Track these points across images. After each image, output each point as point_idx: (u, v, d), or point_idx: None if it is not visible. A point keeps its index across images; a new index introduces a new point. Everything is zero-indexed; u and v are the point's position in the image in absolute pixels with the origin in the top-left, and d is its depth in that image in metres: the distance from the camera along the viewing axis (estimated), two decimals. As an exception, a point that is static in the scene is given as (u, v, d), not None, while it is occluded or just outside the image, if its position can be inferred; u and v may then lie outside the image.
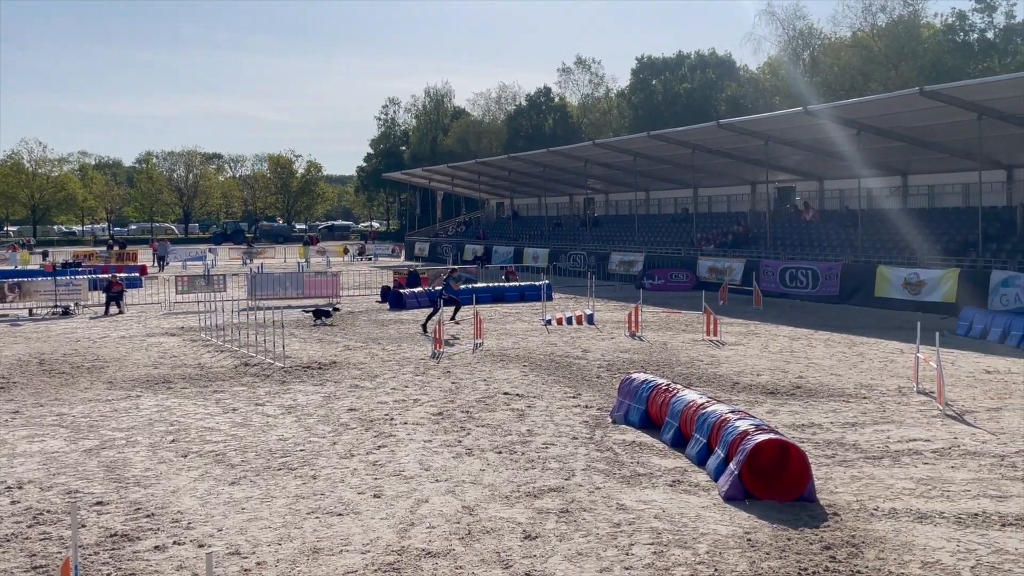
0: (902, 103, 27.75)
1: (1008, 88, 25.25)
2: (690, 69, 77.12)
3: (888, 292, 28.35)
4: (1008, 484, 9.24)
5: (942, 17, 59.58)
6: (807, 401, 13.68)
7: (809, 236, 37.15)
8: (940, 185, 35.05)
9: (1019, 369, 16.72)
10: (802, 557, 7.24)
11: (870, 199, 37.24)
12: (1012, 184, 32.55)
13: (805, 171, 40.22)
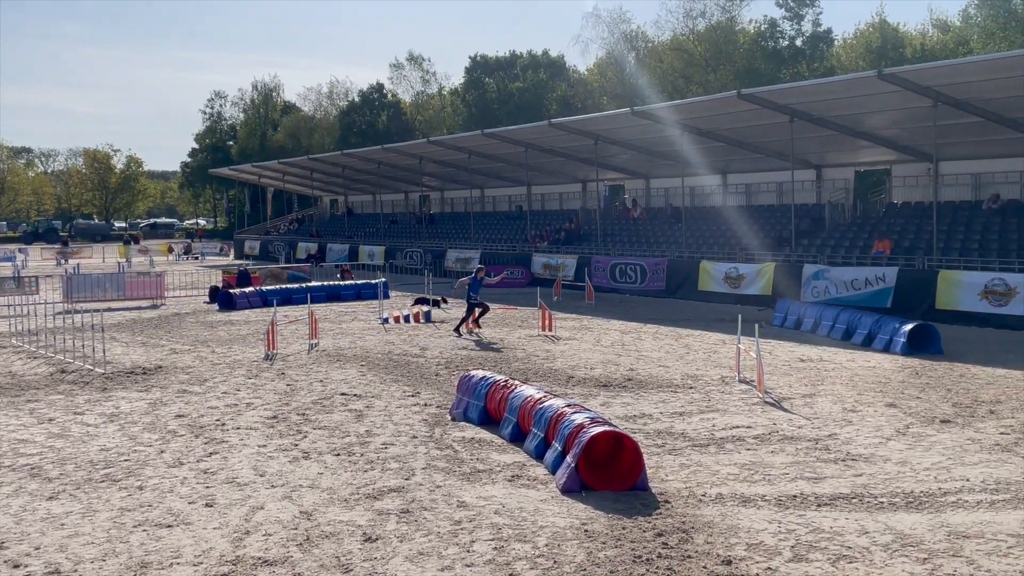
0: (721, 105, 29.11)
1: (816, 92, 26.91)
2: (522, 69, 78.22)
3: (711, 286, 29.69)
4: (822, 466, 9.84)
5: (756, 24, 62.80)
6: (638, 393, 14.15)
7: (637, 233, 38.43)
8: (756, 184, 36.97)
9: (830, 357, 17.86)
10: (636, 545, 7.47)
11: (693, 197, 38.86)
12: (821, 183, 34.73)
13: (633, 170, 41.57)
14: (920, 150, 29.70)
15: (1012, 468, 9.66)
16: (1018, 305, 21.60)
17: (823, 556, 7.18)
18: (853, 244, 29.44)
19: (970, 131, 26.38)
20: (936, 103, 23.76)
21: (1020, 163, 28.39)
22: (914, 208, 30.57)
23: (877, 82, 23.61)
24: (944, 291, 23.07)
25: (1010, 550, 7.25)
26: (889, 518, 8.09)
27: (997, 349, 18.55)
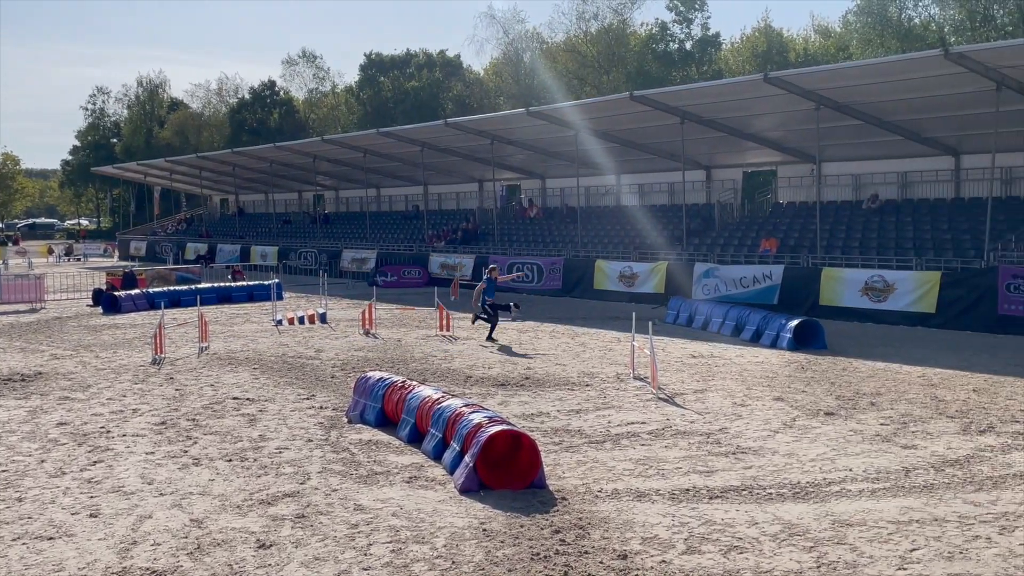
0: (614, 106, 29.58)
1: (705, 95, 27.61)
2: (418, 68, 77.88)
3: (606, 285, 30.12)
4: (714, 460, 10.08)
5: (647, 27, 64.00)
6: (535, 391, 14.23)
7: (534, 232, 38.71)
8: (649, 184, 37.68)
9: (720, 353, 18.32)
10: (534, 542, 7.51)
11: (588, 197, 39.35)
12: (711, 183, 35.63)
13: (529, 170, 41.85)
14: (804, 151, 30.75)
15: (891, 457, 10.07)
16: (896, 301, 22.57)
17: (715, 548, 7.35)
18: (741, 243, 30.29)
19: (851, 133, 27.44)
20: (819, 106, 24.64)
21: (897, 164, 29.68)
22: (799, 208, 31.64)
23: (763, 85, 24.35)
24: (827, 288, 23.94)
25: (890, 536, 7.56)
26: (777, 508, 8.33)
27: (877, 343, 19.34)
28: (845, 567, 6.92)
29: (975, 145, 26.94)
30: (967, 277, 21.83)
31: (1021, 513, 8.09)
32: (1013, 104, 22.18)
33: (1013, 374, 15.42)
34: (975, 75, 21.03)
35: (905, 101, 24.27)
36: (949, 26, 50.46)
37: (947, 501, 8.48)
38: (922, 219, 27.41)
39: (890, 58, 28.32)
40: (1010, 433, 11.13)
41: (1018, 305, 20.47)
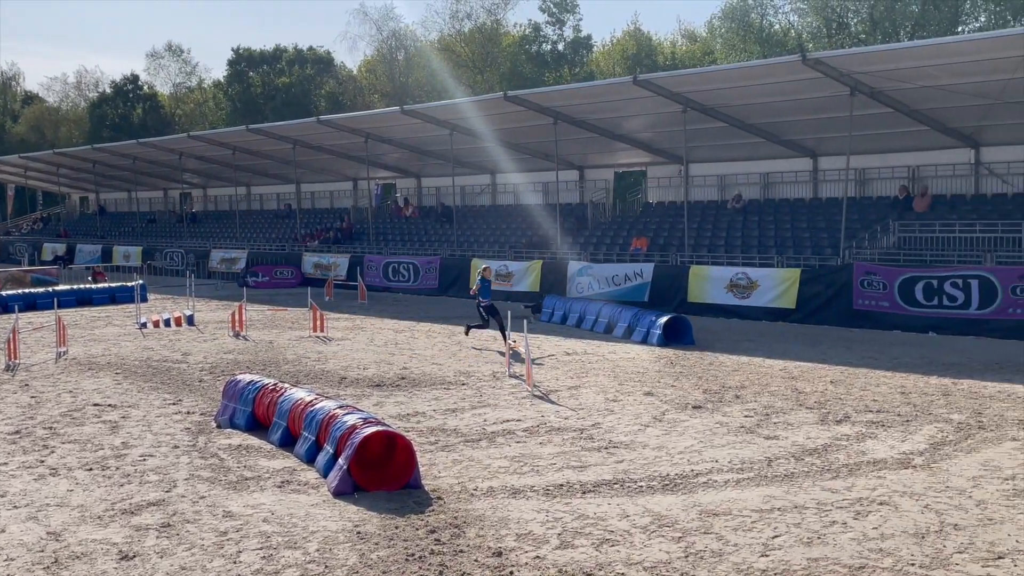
0: (488, 106, 29.71)
1: (577, 96, 28.05)
2: (288, 64, 76.32)
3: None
4: (587, 455, 10.25)
5: (520, 27, 64.53)
6: (411, 391, 14.17)
7: (409, 232, 38.53)
8: (524, 183, 37.99)
9: (593, 350, 18.65)
10: (409, 543, 7.47)
11: (464, 196, 39.45)
12: (584, 183, 36.21)
13: (405, 168, 41.63)
14: (672, 153, 31.60)
15: (755, 448, 10.45)
16: (759, 297, 23.45)
17: (587, 541, 7.47)
18: (613, 241, 30.91)
19: (716, 135, 28.35)
20: (686, 108, 25.36)
21: (760, 165, 30.84)
22: (668, 207, 32.51)
23: (632, 88, 24.90)
24: (695, 285, 24.67)
25: (754, 524, 7.84)
26: (648, 501, 8.54)
27: (741, 338, 20.05)
28: (711, 556, 7.14)
29: (831, 147, 28.26)
30: (824, 274, 22.86)
31: (874, 498, 8.52)
32: (866, 108, 23.34)
33: (867, 366, 16.24)
34: (831, 80, 22.04)
35: (767, 104, 25.23)
36: (807, 33, 52.72)
37: (806, 489, 8.86)
38: (783, 218, 28.57)
39: (752, 63, 29.41)
40: (864, 422, 11.71)
41: (871, 300, 21.57)
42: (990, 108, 22.26)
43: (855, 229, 25.34)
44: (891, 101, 23.37)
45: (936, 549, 7.21)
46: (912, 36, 46.58)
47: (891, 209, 26.31)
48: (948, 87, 21.54)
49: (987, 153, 26.41)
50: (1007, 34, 21.27)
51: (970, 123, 24.65)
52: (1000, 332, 19.49)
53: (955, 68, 20.69)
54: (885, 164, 28.19)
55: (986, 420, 11.75)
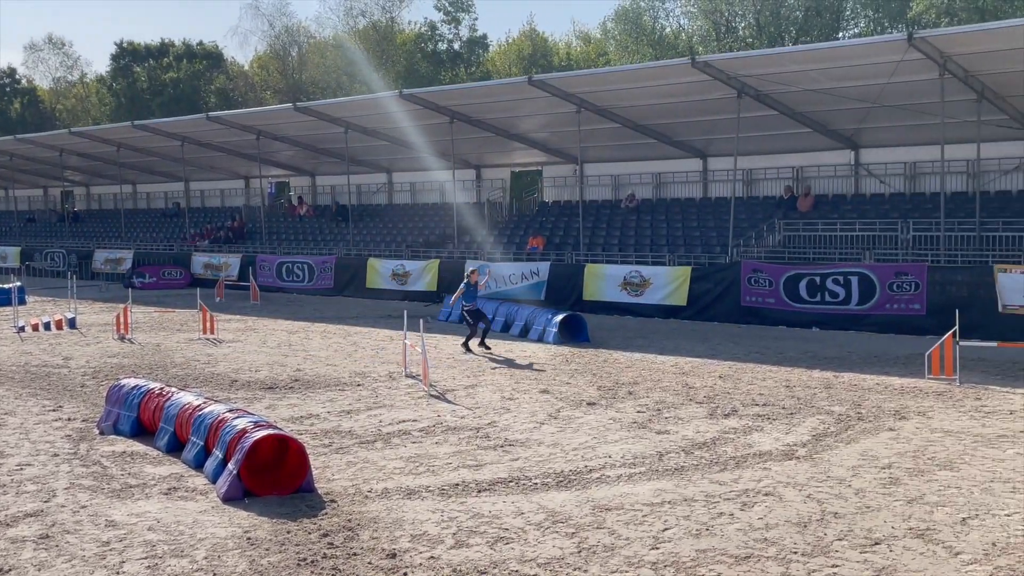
0: (384, 104, 29.45)
1: (473, 95, 28.09)
2: (176, 58, 74.12)
3: (379, 283, 29.99)
4: (483, 453, 10.27)
5: (415, 26, 64.22)
6: (305, 393, 13.95)
7: (304, 231, 37.92)
8: (421, 182, 37.84)
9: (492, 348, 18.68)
10: (301, 548, 7.36)
11: (360, 195, 39.05)
12: (480, 182, 36.27)
13: (298, 166, 40.93)
14: (567, 153, 31.91)
15: (647, 443, 10.65)
16: (652, 295, 23.90)
17: (482, 540, 7.49)
18: (510, 241, 31.06)
19: (610, 136, 28.77)
20: (580, 109, 25.65)
21: (652, 166, 31.42)
22: (563, 206, 32.84)
23: (528, 88, 25.06)
24: (590, 283, 24.99)
25: (645, 518, 7.99)
26: (542, 498, 8.61)
27: (634, 335, 20.41)
28: (603, 550, 7.25)
29: (720, 148, 29.00)
30: (714, 272, 23.45)
31: (760, 489, 8.79)
32: (752, 111, 24.03)
33: (754, 360, 16.73)
34: (719, 83, 22.62)
35: (658, 106, 25.72)
36: (697, 36, 53.95)
37: (695, 482, 9.07)
38: (675, 217, 29.19)
39: (643, 65, 29.98)
40: (751, 416, 12.06)
41: (758, 297, 22.22)
42: (868, 111, 23.19)
43: (743, 228, 26.07)
44: (776, 104, 24.12)
45: (817, 537, 7.47)
46: (796, 41, 48.19)
47: (776, 208, 27.17)
48: (829, 91, 22.35)
49: (866, 155, 27.51)
50: (884, 40, 22.18)
51: (850, 126, 25.63)
52: (878, 326, 20.33)
53: (836, 72, 21.49)
54: (771, 165, 29.08)
55: (865, 411, 12.25)
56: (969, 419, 11.72)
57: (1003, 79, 20.87)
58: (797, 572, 6.75)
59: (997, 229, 22.32)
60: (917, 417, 11.86)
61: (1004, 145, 24.33)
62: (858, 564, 6.88)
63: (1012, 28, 19.59)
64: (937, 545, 7.25)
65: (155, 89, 71.64)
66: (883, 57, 20.08)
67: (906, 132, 24.97)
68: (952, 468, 9.44)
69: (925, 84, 20.68)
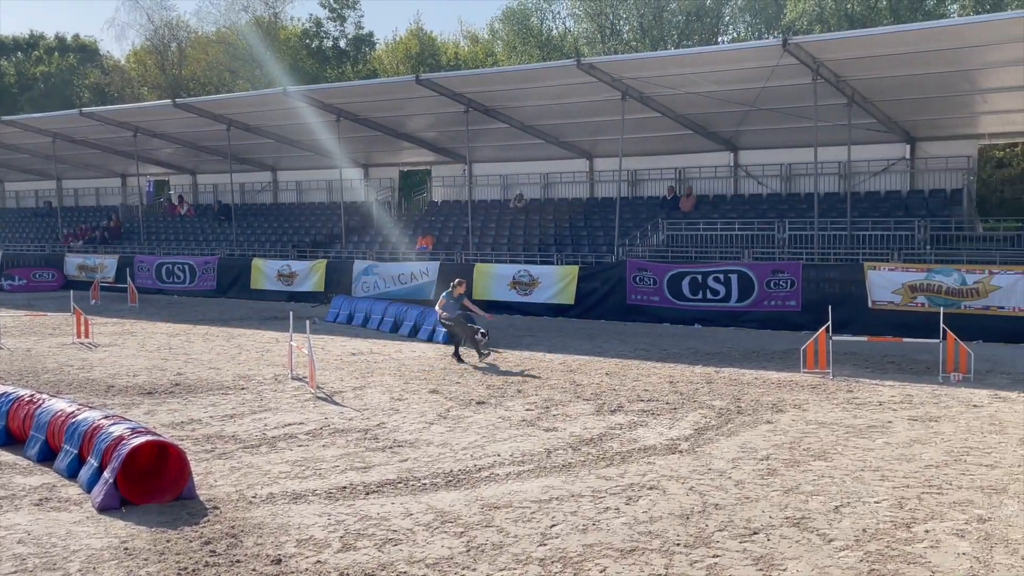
0: (268, 101, 28.88)
1: (360, 93, 27.83)
2: (47, 52, 70.93)
3: (264, 284, 29.40)
4: (371, 455, 10.18)
5: (300, 22, 63.13)
6: (186, 398, 13.56)
7: (184, 231, 36.86)
8: (307, 181, 37.26)
9: (379, 349, 18.55)
10: (182, 557, 7.15)
11: (244, 194, 38.19)
12: (369, 181, 35.94)
13: (179, 164, 39.75)
14: (456, 152, 31.93)
15: (535, 441, 10.75)
16: (540, 293, 24.14)
17: (370, 542, 7.42)
18: (399, 240, 30.86)
19: (498, 136, 28.92)
20: (468, 109, 25.69)
21: (540, 166, 31.74)
22: (452, 206, 32.84)
23: (415, 87, 24.96)
24: (479, 282, 25.05)
25: (533, 515, 8.06)
26: (431, 498, 8.59)
27: (524, 334, 20.56)
28: (492, 548, 7.28)
29: (606, 149, 29.50)
30: (600, 271, 23.83)
31: (644, 483, 8.97)
32: (636, 112, 24.50)
33: (639, 357, 17.07)
34: (604, 84, 22.99)
35: (545, 107, 25.98)
36: (583, 38, 54.69)
37: (582, 477, 9.20)
38: (562, 217, 29.55)
39: (530, 66, 30.22)
40: (636, 411, 12.31)
41: (643, 295, 22.69)
42: (747, 114, 23.94)
43: (628, 227, 26.57)
44: (659, 106, 24.67)
45: (699, 528, 7.68)
46: (678, 45, 49.36)
47: (660, 208, 27.79)
48: (709, 94, 22.98)
49: (745, 156, 28.42)
50: (760, 45, 22.98)
51: (729, 128, 26.42)
52: (756, 323, 21.03)
53: (715, 76, 22.11)
54: (655, 166, 29.73)
55: (744, 405, 12.65)
56: (842, 411, 12.23)
57: (872, 84, 21.86)
58: (680, 564, 6.92)
59: (867, 228, 23.37)
60: (793, 410, 12.31)
61: (873, 148, 25.51)
62: (738, 554, 7.10)
63: (879, 36, 20.59)
64: (812, 533, 7.54)
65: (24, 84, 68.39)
66: (760, 62, 20.76)
67: (782, 135, 25.91)
68: (826, 458, 9.84)
69: (799, 88, 21.48)
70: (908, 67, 20.52)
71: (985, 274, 18.77)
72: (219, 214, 36.55)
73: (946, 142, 25.75)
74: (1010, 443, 10.44)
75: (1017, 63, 19.83)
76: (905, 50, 19.69)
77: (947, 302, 18.58)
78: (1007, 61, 19.89)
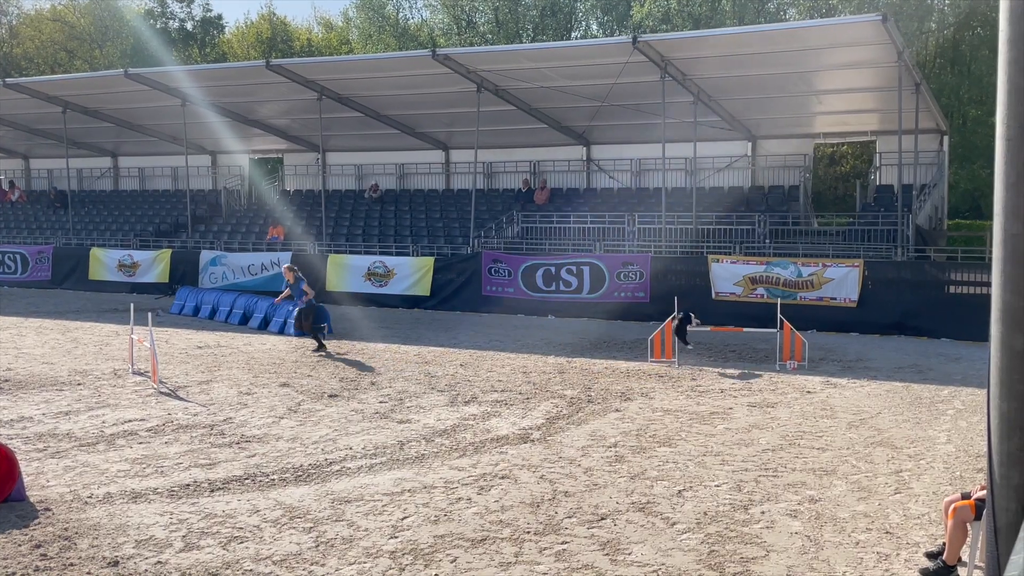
0: (107, 83, 27.54)
1: (207, 77, 26.82)
2: None
3: (103, 275, 28.07)
4: (217, 451, 9.87)
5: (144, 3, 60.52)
6: (16, 394, 12.80)
7: (16, 218, 34.76)
8: (151, 167, 35.76)
9: (227, 342, 18.01)
10: (10, 561, 6.74)
11: (81, 180, 36.34)
12: (217, 169, 34.79)
13: (10, 148, 37.42)
14: (309, 140, 31.31)
15: (388, 433, 10.67)
16: (396, 285, 23.98)
17: (215, 540, 7.20)
18: (249, 230, 30.06)
19: (353, 125, 28.52)
20: (321, 96, 25.22)
21: (396, 156, 31.50)
22: (305, 195, 32.19)
23: (265, 72, 24.30)
24: (333, 273, 24.68)
25: (385, 508, 8.00)
26: (280, 494, 8.40)
27: (379, 326, 20.38)
28: (342, 542, 7.18)
29: (462, 141, 29.56)
30: (456, 262, 23.87)
31: (497, 473, 9.05)
32: (491, 105, 24.65)
33: (494, 348, 17.20)
34: (459, 76, 23.00)
35: (401, 97, 25.79)
36: (439, 29, 54.57)
37: (435, 469, 9.20)
38: (418, 208, 29.42)
39: (385, 55, 29.94)
40: (490, 402, 12.40)
41: (498, 287, 22.87)
42: (598, 110, 24.44)
43: (484, 219, 26.71)
44: (514, 99, 24.88)
45: (549, 516, 7.80)
46: (533, 39, 49.92)
47: (515, 201, 28.06)
48: (563, 88, 23.35)
49: (597, 151, 29.03)
50: (611, 42, 23.46)
51: (582, 123, 26.92)
52: (607, 313, 21.53)
53: (568, 71, 22.47)
54: (510, 159, 30.00)
55: (594, 394, 12.93)
56: (686, 398, 12.68)
57: (716, 83, 22.70)
58: (529, 551, 7.02)
59: (711, 222, 24.28)
60: (641, 398, 12.68)
61: (718, 145, 26.51)
62: (586, 539, 7.25)
63: (723, 36, 21.41)
64: (656, 517, 7.79)
65: None
66: (611, 58, 21.22)
67: (632, 131, 26.60)
68: (671, 444, 10.17)
69: (649, 85, 22.09)
70: (750, 68, 21.42)
71: (819, 267, 19.82)
72: (55, 201, 34.62)
73: (784, 140, 27.05)
74: (839, 427, 11.07)
75: (849, 66, 21.01)
76: (747, 51, 20.54)
77: (784, 293, 19.53)
78: (840, 64, 21.03)
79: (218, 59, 54.38)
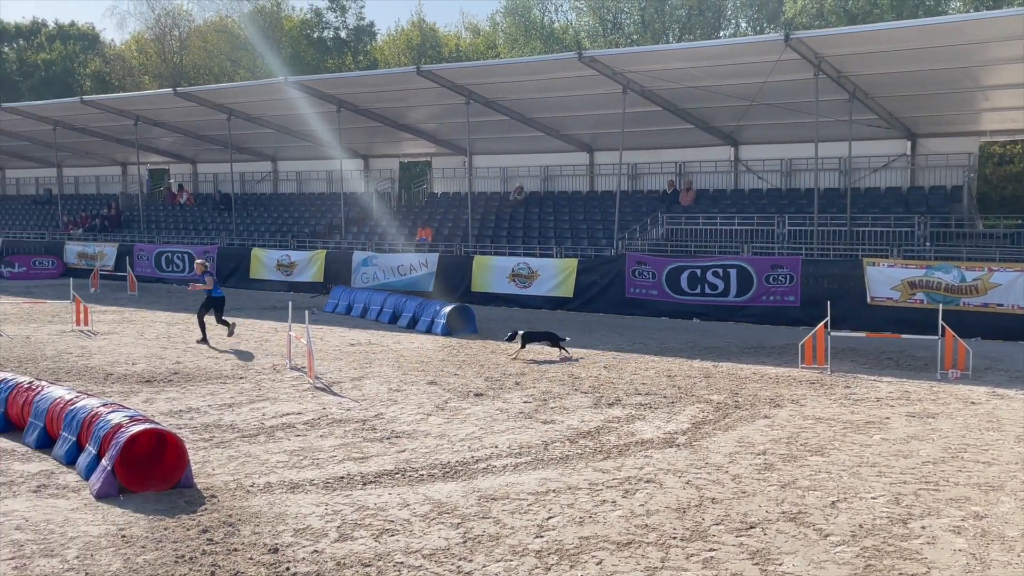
0: (269, 91, 28.86)
1: (360, 84, 27.80)
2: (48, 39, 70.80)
3: (263, 274, 29.40)
4: (368, 446, 10.20)
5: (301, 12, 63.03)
6: (185, 386, 13.57)
7: (184, 220, 36.85)
8: (307, 171, 37.23)
9: (378, 340, 18.56)
10: (179, 544, 7.16)
11: (244, 183, 38.17)
12: (368, 172, 35.92)
13: (179, 153, 39.73)
14: (456, 144, 31.89)
15: (533, 433, 10.77)
16: (539, 286, 24.14)
17: (367, 532, 7.44)
18: (399, 231, 30.86)
19: (498, 128, 28.89)
20: (469, 100, 25.66)
21: (540, 159, 31.70)
22: (452, 198, 32.82)
23: (416, 78, 24.92)
24: (478, 275, 25.06)
25: (530, 507, 8.08)
26: (428, 489, 8.60)
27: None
28: (488, 539, 7.29)
29: (606, 143, 29.47)
30: (599, 264, 23.83)
31: (641, 477, 8.99)
32: (637, 106, 24.49)
33: (637, 351, 17.08)
34: (605, 78, 22.95)
35: (546, 99, 25.95)
36: (585, 31, 54.57)
37: (579, 470, 9.22)
38: (562, 210, 29.53)
39: (531, 58, 30.16)
40: (634, 404, 12.32)
41: (642, 288, 22.70)
42: (748, 109, 23.91)
43: (627, 221, 26.56)
44: (660, 100, 24.64)
45: (696, 522, 7.69)
46: (680, 38, 49.25)
47: (660, 202, 27.78)
48: (710, 88, 22.96)
49: (745, 151, 28.40)
50: (762, 40, 22.93)
51: (730, 123, 26.39)
52: (755, 317, 21.03)
53: (716, 70, 22.09)
54: (655, 160, 29.72)
55: (742, 400, 12.66)
56: (839, 406, 12.25)
57: (872, 80, 21.84)
58: (676, 557, 6.94)
59: (866, 224, 23.37)
60: (791, 405, 12.33)
61: (873, 144, 25.49)
62: (734, 548, 7.12)
63: (881, 32, 20.55)
64: (808, 528, 7.56)
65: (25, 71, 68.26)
66: (761, 57, 20.73)
67: (783, 130, 25.89)
68: (823, 454, 9.86)
69: (801, 84, 21.46)
70: (909, 63, 20.50)
71: (984, 271, 18.78)
72: (219, 204, 36.53)
73: (947, 139, 25.73)
74: (1007, 440, 10.46)
75: (1017, 60, 19.82)
76: (906, 46, 19.67)
77: (946, 299, 18.59)
78: (1008, 58, 19.87)
79: (370, 66, 56.05)
